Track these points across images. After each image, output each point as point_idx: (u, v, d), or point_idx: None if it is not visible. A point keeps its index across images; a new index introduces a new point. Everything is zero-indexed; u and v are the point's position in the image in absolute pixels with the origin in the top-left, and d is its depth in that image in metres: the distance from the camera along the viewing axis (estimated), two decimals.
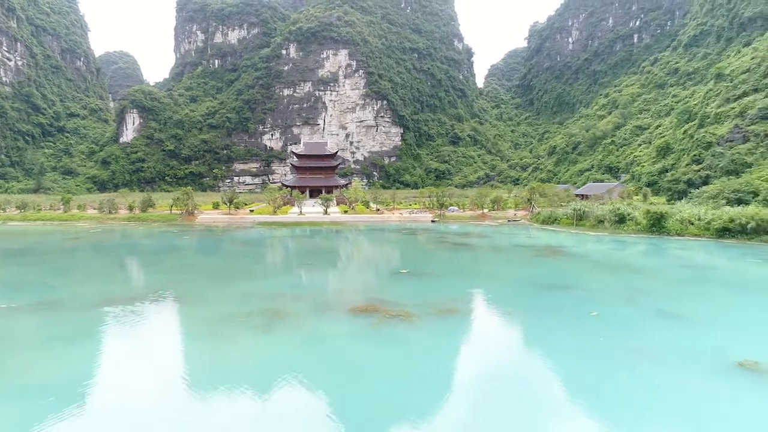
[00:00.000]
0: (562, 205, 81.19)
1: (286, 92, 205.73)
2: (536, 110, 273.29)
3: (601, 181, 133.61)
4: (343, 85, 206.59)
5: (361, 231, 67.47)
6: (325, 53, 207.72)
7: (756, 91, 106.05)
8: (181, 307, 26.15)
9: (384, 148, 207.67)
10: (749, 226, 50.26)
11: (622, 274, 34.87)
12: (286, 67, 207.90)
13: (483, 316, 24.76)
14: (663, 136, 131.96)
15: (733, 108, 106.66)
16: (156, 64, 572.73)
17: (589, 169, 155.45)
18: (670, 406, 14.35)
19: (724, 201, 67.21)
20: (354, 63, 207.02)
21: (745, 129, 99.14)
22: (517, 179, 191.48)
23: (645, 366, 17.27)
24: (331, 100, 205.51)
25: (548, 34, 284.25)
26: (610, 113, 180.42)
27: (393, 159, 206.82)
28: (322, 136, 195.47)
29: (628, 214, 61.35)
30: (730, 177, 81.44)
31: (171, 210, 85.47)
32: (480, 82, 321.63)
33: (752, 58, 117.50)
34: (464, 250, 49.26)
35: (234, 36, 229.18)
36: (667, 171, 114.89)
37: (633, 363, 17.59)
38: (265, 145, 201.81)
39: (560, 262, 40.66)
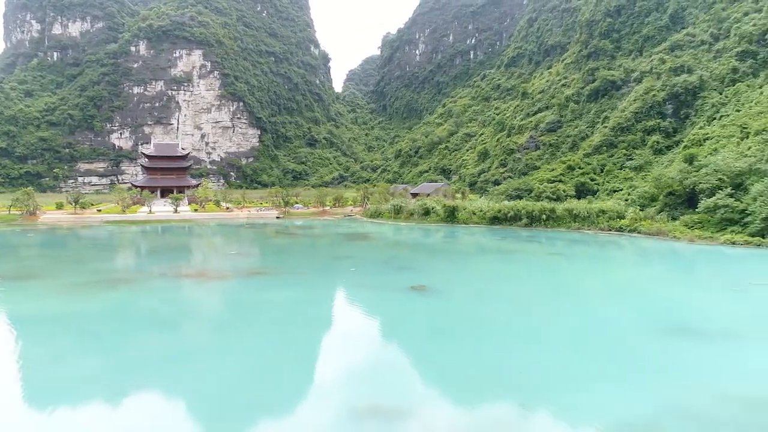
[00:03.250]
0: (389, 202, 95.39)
1: (136, 90, 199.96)
2: (389, 115, 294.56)
3: (436, 181, 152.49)
4: (198, 86, 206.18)
5: (209, 227, 74.68)
6: (177, 52, 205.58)
7: (547, 108, 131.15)
8: (37, 280, 32.72)
9: (241, 149, 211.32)
10: (509, 215, 67.24)
11: (395, 248, 47.82)
12: (135, 65, 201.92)
13: (279, 273, 35.16)
14: (483, 143, 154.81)
15: (530, 121, 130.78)
16: None
17: (427, 171, 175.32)
18: (372, 306, 26.32)
19: (507, 197, 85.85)
20: (209, 64, 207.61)
21: (538, 139, 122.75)
22: (368, 180, 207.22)
23: (365, 291, 29.23)
24: (185, 100, 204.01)
25: (398, 45, 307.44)
26: (446, 121, 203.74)
27: (250, 160, 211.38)
28: (177, 136, 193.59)
29: (432, 208, 76.45)
30: (516, 177, 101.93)
31: (10, 210, 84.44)
32: (339, 86, 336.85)
33: (546, 81, 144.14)
34: (293, 238, 59.69)
35: (75, 28, 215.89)
36: (484, 173, 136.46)
37: (359, 290, 29.55)
38: (114, 144, 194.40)
39: (359, 243, 52.92)
